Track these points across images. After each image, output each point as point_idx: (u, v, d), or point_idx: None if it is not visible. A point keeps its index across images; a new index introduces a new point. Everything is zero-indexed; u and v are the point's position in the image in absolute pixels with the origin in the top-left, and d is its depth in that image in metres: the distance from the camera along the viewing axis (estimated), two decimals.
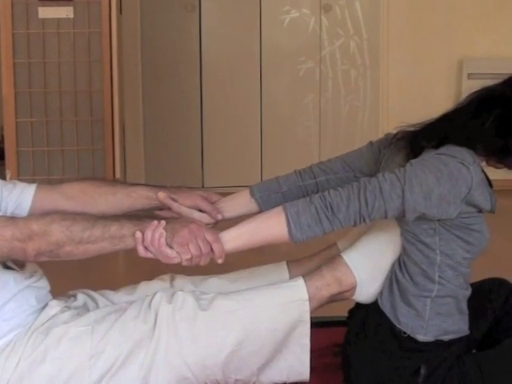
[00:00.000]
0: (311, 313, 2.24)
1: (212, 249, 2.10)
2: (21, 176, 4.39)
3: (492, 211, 2.18)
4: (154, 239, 2.06)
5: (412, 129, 2.29)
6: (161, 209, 2.44)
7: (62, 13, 4.56)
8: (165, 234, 2.07)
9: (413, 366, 2.21)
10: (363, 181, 2.09)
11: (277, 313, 2.20)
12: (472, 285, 2.29)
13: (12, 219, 2.13)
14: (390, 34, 6.04)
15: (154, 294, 2.25)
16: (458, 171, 2.07)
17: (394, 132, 2.38)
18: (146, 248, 2.08)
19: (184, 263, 2.10)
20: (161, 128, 6.06)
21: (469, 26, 5.99)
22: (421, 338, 2.20)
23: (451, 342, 2.22)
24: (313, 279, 2.27)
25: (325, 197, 2.08)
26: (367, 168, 2.41)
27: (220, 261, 2.12)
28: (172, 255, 2.08)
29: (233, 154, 6.17)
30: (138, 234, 2.07)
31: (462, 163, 2.08)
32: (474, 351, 2.40)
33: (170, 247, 2.08)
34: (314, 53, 6.11)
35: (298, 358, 2.25)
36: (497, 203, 2.17)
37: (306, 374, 2.28)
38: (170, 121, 6.07)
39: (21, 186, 2.45)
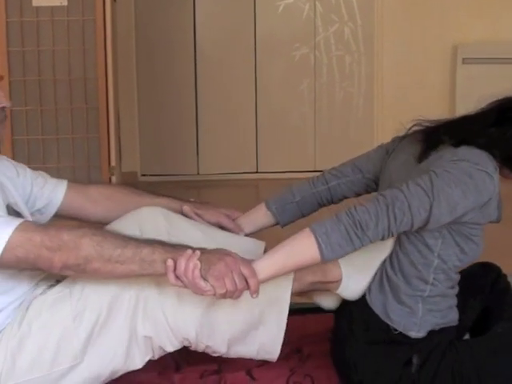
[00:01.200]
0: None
1: (247, 282, 2.05)
2: None
3: (498, 221, 2.23)
4: (187, 269, 2.00)
5: (429, 124, 2.30)
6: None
7: (55, 1, 4.55)
8: (199, 265, 2.01)
9: (404, 357, 2.21)
10: (390, 197, 2.07)
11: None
12: (461, 271, 2.30)
13: (43, 226, 2.12)
14: (384, 20, 6.04)
15: None
16: (482, 183, 2.09)
17: (400, 135, 2.39)
18: (177, 277, 2.02)
19: (217, 297, 2.05)
20: (156, 116, 6.06)
21: (463, 10, 5.99)
22: (413, 334, 2.21)
23: (441, 329, 2.23)
24: None
25: (352, 214, 2.05)
26: (374, 168, 2.45)
27: (255, 295, 2.06)
28: (206, 288, 2.02)
29: (228, 142, 6.17)
30: (170, 262, 2.01)
31: (486, 172, 2.09)
32: (465, 337, 2.42)
33: (205, 279, 2.02)
34: (308, 39, 6.11)
35: (272, 338, 2.24)
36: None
37: (275, 354, 2.27)
38: (165, 108, 6.07)
39: (52, 182, 2.47)
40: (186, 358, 2.48)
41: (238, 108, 6.16)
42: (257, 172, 6.21)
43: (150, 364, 2.27)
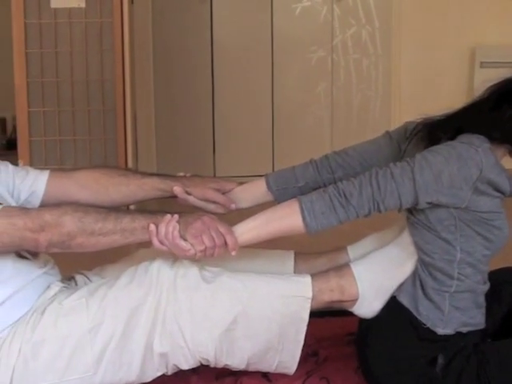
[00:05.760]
0: None
1: (225, 240, 2.10)
2: (33, 165, 4.37)
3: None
4: (167, 232, 2.08)
5: (431, 121, 2.29)
6: (172, 197, 2.45)
7: (73, 2, 4.56)
8: (178, 226, 2.08)
9: (430, 354, 2.20)
10: (375, 168, 2.11)
11: (278, 303, 2.20)
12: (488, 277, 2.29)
13: (25, 209, 2.14)
14: (401, 23, 6.02)
15: (152, 261, 2.23)
16: (466, 152, 2.08)
17: (412, 120, 2.38)
18: (160, 241, 2.09)
19: (198, 255, 2.11)
20: (172, 117, 6.06)
21: (481, 13, 5.96)
22: (440, 331, 2.19)
23: (469, 332, 2.22)
24: (318, 280, 2.27)
25: (338, 186, 2.11)
26: (385, 164, 2.40)
27: (233, 253, 2.12)
28: (186, 247, 2.09)
29: (244, 143, 6.16)
30: (152, 227, 2.08)
31: (469, 144, 2.09)
32: (489, 341, 2.40)
33: (185, 240, 2.09)
34: (325, 42, 6.09)
35: (290, 355, 2.26)
36: None
37: (293, 368, 2.30)
38: (182, 110, 6.06)
39: (34, 173, 2.45)
40: None
41: (254, 110, 6.15)
42: None
43: None
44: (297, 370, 2.37)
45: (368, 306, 2.28)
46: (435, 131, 2.23)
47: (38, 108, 4.60)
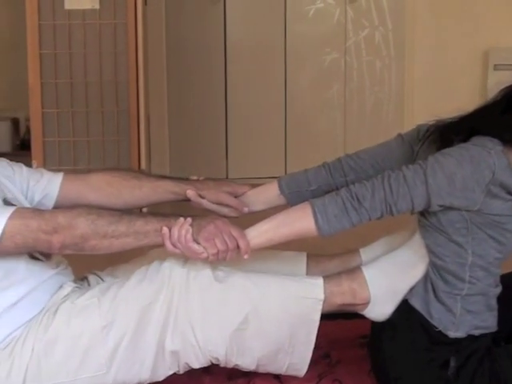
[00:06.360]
0: None
1: (238, 244, 2.11)
2: (47, 166, 4.39)
3: None
4: (180, 235, 2.09)
5: (443, 123, 2.28)
6: (186, 200, 2.46)
7: (87, 4, 4.57)
8: (191, 230, 2.09)
9: (442, 357, 2.19)
10: (387, 171, 2.11)
11: (289, 304, 2.20)
12: (502, 280, 2.27)
13: (38, 211, 2.15)
14: (415, 25, 6.01)
15: (164, 260, 2.24)
16: (478, 154, 2.07)
17: (425, 123, 2.37)
18: (173, 244, 2.10)
19: (210, 258, 2.11)
20: (185, 118, 6.07)
21: (495, 16, 5.95)
22: (452, 334, 2.19)
23: (481, 335, 2.21)
24: (330, 283, 2.26)
25: (350, 189, 2.11)
26: (397, 166, 2.39)
27: (246, 256, 2.13)
28: (199, 250, 2.10)
29: (257, 145, 6.16)
30: (165, 230, 2.09)
31: (482, 147, 2.08)
32: (502, 344, 2.39)
33: (197, 243, 2.10)
34: (338, 44, 6.09)
35: (301, 357, 2.26)
36: None
37: (303, 371, 2.29)
38: (195, 111, 6.07)
39: (47, 175, 2.47)
40: None
41: (267, 112, 6.15)
42: None
43: None
44: (309, 372, 2.36)
45: (379, 309, 2.27)
46: (448, 133, 2.23)
47: (52, 109, 4.61)
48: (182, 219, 2.11)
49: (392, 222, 2.28)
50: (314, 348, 2.25)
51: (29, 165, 2.51)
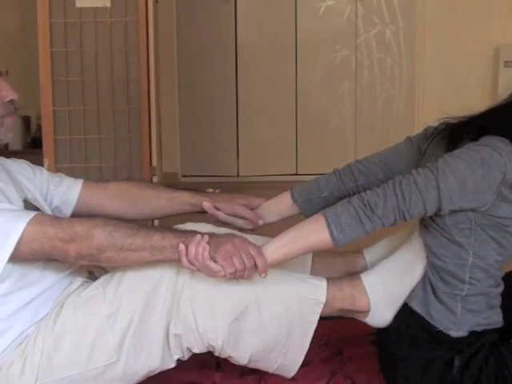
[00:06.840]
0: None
1: (255, 262, 2.10)
2: (58, 164, 4.41)
3: None
4: (197, 253, 2.06)
5: (454, 121, 2.28)
6: (201, 212, 2.50)
7: (98, 2, 4.57)
8: (208, 247, 2.07)
9: (445, 356, 2.19)
10: (398, 177, 2.11)
11: (291, 301, 2.20)
12: (507, 274, 2.28)
13: (57, 219, 2.16)
14: (425, 23, 6.01)
15: None
16: (489, 156, 2.06)
17: (434, 125, 2.37)
18: (190, 262, 2.08)
19: (228, 276, 2.10)
20: (197, 116, 6.08)
21: (505, 13, 5.95)
22: (453, 333, 2.18)
23: (484, 331, 2.20)
24: (332, 286, 2.26)
25: (362, 196, 2.10)
26: (406, 169, 2.38)
27: (263, 275, 2.12)
28: (216, 269, 2.08)
29: (268, 143, 6.18)
30: (182, 247, 2.07)
31: (493, 148, 2.07)
32: (511, 341, 2.39)
33: (215, 261, 2.08)
34: (349, 41, 6.10)
35: (293, 359, 2.26)
36: None
37: (292, 373, 2.29)
38: (206, 109, 6.09)
39: (67, 181, 2.51)
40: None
41: (278, 110, 6.16)
42: (296, 174, 6.21)
43: (191, 362, 2.29)
44: (321, 369, 2.38)
45: (380, 316, 2.28)
46: (458, 131, 2.23)
47: (63, 107, 4.61)
48: (199, 236, 2.10)
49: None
50: (326, 345, 2.25)
51: (40, 162, 2.53)
